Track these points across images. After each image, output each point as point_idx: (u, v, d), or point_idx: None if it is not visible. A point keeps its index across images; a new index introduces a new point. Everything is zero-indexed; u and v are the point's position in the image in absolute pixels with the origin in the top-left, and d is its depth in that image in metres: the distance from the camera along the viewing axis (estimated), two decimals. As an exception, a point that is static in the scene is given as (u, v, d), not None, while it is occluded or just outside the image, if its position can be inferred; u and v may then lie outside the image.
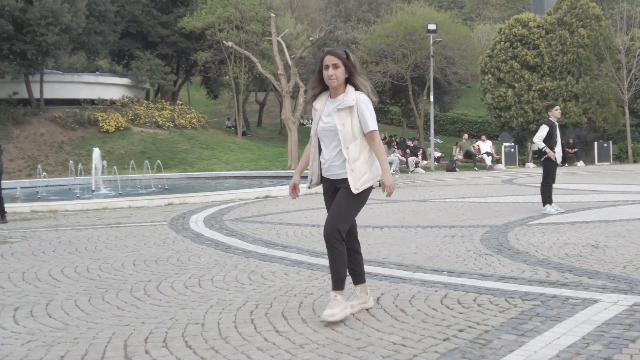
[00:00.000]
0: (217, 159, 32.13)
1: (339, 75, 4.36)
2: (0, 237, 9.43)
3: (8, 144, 29.41)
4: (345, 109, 4.35)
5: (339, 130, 4.34)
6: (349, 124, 4.34)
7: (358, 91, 4.40)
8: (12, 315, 4.77)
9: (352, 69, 4.40)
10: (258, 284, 5.63)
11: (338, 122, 4.35)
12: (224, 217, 11.06)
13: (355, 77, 4.41)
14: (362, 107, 4.35)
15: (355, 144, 4.35)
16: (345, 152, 4.34)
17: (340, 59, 4.36)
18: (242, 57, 36.25)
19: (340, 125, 4.34)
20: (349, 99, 4.35)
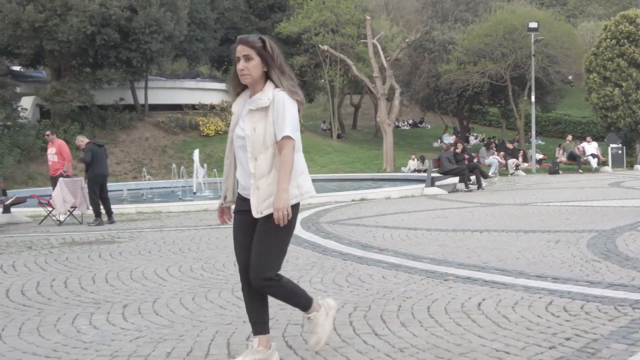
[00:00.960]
0: (312, 162, 32.43)
1: (252, 69, 3.50)
2: (108, 237, 9.89)
3: (115, 147, 30.83)
4: (258, 110, 3.50)
5: (248, 136, 3.49)
6: (261, 129, 3.48)
7: (279, 89, 3.53)
8: (121, 312, 4.98)
9: (270, 61, 3.52)
10: (356, 286, 5.62)
11: (249, 126, 3.50)
12: (320, 219, 11.13)
13: (273, 71, 3.54)
14: (278, 107, 3.48)
15: (265, 155, 3.47)
16: (252, 165, 3.48)
17: (253, 49, 3.49)
18: (338, 60, 36.46)
19: (250, 131, 3.49)
20: (264, 98, 3.50)
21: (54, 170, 13.72)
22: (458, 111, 42.06)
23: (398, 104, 30.05)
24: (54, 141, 13.91)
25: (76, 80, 30.75)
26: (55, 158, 13.70)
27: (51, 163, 13.84)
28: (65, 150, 13.85)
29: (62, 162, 13.70)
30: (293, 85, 3.59)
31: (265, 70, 3.54)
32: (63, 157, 13.74)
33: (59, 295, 5.65)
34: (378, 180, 22.57)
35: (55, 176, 13.54)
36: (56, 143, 13.88)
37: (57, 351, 4.02)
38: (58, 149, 13.74)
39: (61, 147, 13.80)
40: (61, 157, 13.71)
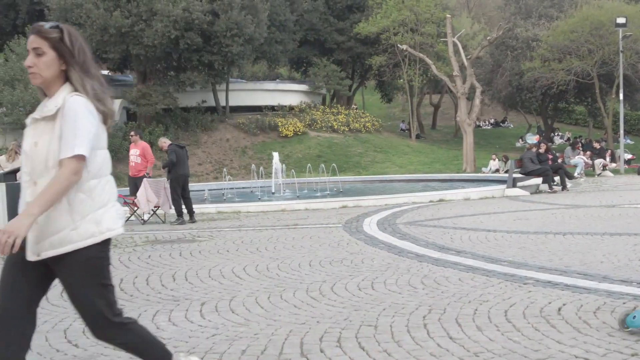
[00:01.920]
0: (390, 162, 32.26)
1: (43, 66, 2.73)
2: (189, 236, 10.15)
3: (197, 149, 31.62)
4: (44, 120, 2.74)
5: (26, 152, 2.75)
6: (44, 144, 2.70)
7: (76, 93, 2.74)
8: (199, 310, 5.09)
9: (69, 57, 2.75)
10: (431, 288, 5.54)
11: (29, 140, 2.76)
12: (397, 220, 11.06)
13: (73, 70, 2.77)
14: (68, 117, 2.67)
15: (48, 180, 2.67)
16: (30, 192, 2.72)
17: (47, 40, 2.72)
18: (417, 60, 36.12)
19: (29, 146, 2.74)
20: (51, 105, 2.73)
21: (137, 171, 13.79)
22: (542, 110, 40.87)
23: (479, 103, 29.49)
24: (138, 142, 13.98)
25: (161, 84, 31.73)
26: (139, 160, 13.79)
27: (134, 164, 13.90)
28: (149, 153, 13.99)
29: (145, 164, 13.77)
30: (101, 90, 2.83)
31: (64, 69, 2.77)
32: (147, 160, 13.83)
33: (141, 292, 5.84)
34: (457, 181, 22.22)
35: (137, 177, 13.71)
36: (140, 145, 13.97)
37: (136, 346, 4.14)
38: (142, 151, 13.85)
39: (145, 150, 13.92)
40: (144, 159, 13.80)
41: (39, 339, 4.39)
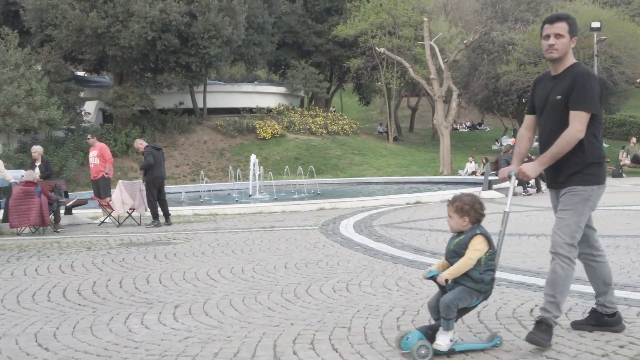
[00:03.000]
0: (368, 165, 32.35)
1: None
2: (165, 238, 10.08)
3: (174, 151, 31.46)
4: None
5: None
6: None
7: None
8: (172, 313, 5.05)
9: None
10: (405, 290, 5.56)
11: None
12: (373, 222, 11.08)
13: None
14: None
15: None
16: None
17: None
18: (395, 63, 36.28)
19: None
20: None
21: (96, 172, 13.66)
22: (518, 113, 41.26)
23: (456, 106, 29.69)
24: (96, 144, 13.80)
25: (137, 85, 31.52)
26: (97, 161, 13.63)
27: (93, 166, 13.76)
28: (107, 153, 13.79)
29: (104, 165, 13.60)
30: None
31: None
32: (105, 160, 13.65)
33: (114, 295, 5.78)
34: (434, 183, 22.34)
35: (97, 179, 13.63)
36: (98, 146, 13.75)
37: (108, 350, 4.10)
38: (100, 152, 13.65)
39: (103, 150, 13.71)
40: (103, 159, 13.62)
41: (9, 342, 4.34)
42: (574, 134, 3.84)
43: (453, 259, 3.83)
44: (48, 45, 30.03)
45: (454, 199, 3.93)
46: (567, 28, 3.98)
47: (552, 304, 3.89)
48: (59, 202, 12.51)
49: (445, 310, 3.68)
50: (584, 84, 3.87)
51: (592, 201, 3.96)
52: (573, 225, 3.89)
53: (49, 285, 6.30)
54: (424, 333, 3.75)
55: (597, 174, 3.97)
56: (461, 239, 3.85)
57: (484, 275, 3.78)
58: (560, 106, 3.94)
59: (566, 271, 3.87)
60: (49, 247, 9.34)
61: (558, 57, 4.01)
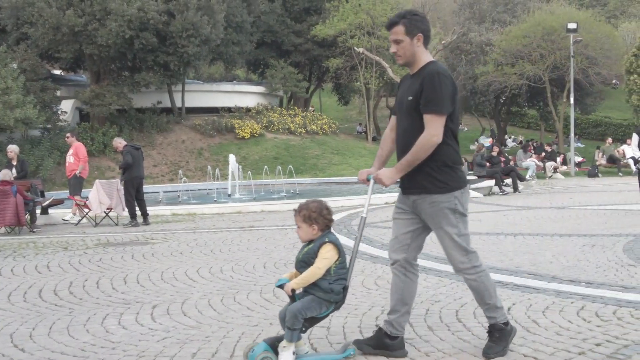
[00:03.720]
0: (347, 165, 32.39)
1: None
2: (142, 238, 10.01)
3: (152, 150, 31.22)
4: None
5: None
6: None
7: None
8: (150, 313, 5.02)
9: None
10: (384, 289, 5.57)
11: None
12: (352, 222, 11.10)
13: None
14: None
15: None
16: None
17: None
18: (373, 63, 36.36)
19: None
20: None
21: (70, 171, 13.60)
22: (495, 113, 41.57)
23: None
24: (73, 143, 13.76)
25: (115, 84, 31.23)
26: (72, 159, 13.56)
27: (67, 164, 13.73)
28: (82, 151, 13.68)
29: (78, 164, 13.49)
30: None
31: None
32: (79, 158, 13.55)
33: (90, 296, 5.73)
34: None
35: (70, 177, 13.55)
36: (74, 145, 13.70)
37: (85, 351, 4.07)
38: (75, 150, 13.59)
39: (77, 148, 13.62)
40: (77, 157, 13.53)
41: (-17, 344, 4.28)
42: (429, 139, 3.59)
43: (302, 269, 3.66)
44: (24, 44, 29.64)
45: (300, 208, 3.71)
46: (403, 30, 3.70)
47: (489, 309, 3.81)
48: (35, 202, 12.37)
49: (292, 319, 3.54)
50: (432, 85, 3.61)
51: (460, 207, 3.73)
52: (458, 238, 3.72)
53: (24, 286, 6.23)
54: (270, 345, 3.61)
55: (454, 179, 3.72)
56: (310, 248, 3.68)
57: (334, 285, 3.63)
58: (411, 107, 3.70)
59: (479, 279, 3.77)
60: (24, 247, 9.23)
61: (404, 62, 3.80)
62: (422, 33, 3.75)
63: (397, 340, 3.81)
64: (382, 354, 3.78)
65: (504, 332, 3.77)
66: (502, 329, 3.78)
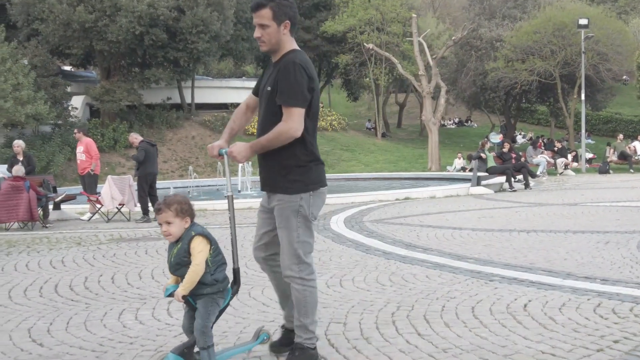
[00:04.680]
0: (357, 161, 32.37)
1: None
2: (155, 234, 10.04)
3: (162, 146, 31.30)
4: None
5: None
6: None
7: None
8: (166, 308, 5.04)
9: None
10: (399, 285, 5.57)
11: None
12: (363, 218, 11.10)
13: None
14: None
15: None
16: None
17: None
18: (383, 59, 36.30)
19: None
20: None
21: (82, 169, 13.53)
22: (505, 109, 41.43)
23: (444, 102, 29.77)
24: (82, 139, 13.63)
25: (125, 80, 31.34)
26: (84, 157, 13.48)
27: (79, 162, 13.64)
28: (93, 149, 13.60)
29: (90, 161, 13.44)
30: None
31: None
32: (91, 156, 13.47)
33: (106, 291, 5.75)
34: (423, 179, 22.39)
35: (84, 175, 13.49)
36: (84, 141, 13.59)
37: (103, 345, 4.09)
38: (86, 147, 13.50)
39: (89, 146, 13.53)
40: (89, 155, 13.46)
41: (3, 337, 4.31)
42: (287, 131, 3.40)
43: (178, 272, 3.47)
44: (35, 40, 29.80)
45: (169, 203, 3.45)
46: (271, 15, 3.43)
47: (299, 328, 3.61)
48: (48, 198, 12.43)
49: (202, 338, 3.36)
50: (287, 75, 3.40)
51: (304, 211, 3.53)
52: (294, 244, 3.52)
53: (40, 281, 6.27)
54: (179, 354, 3.40)
55: (303, 180, 3.54)
56: (179, 247, 3.45)
57: (216, 275, 3.47)
58: (269, 98, 3.52)
59: (302, 292, 3.57)
60: (38, 243, 9.28)
61: (268, 49, 3.55)
62: (290, 20, 3.50)
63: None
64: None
65: (306, 353, 3.57)
66: (304, 349, 3.58)
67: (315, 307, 3.65)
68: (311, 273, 3.61)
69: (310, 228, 3.60)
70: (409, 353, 3.75)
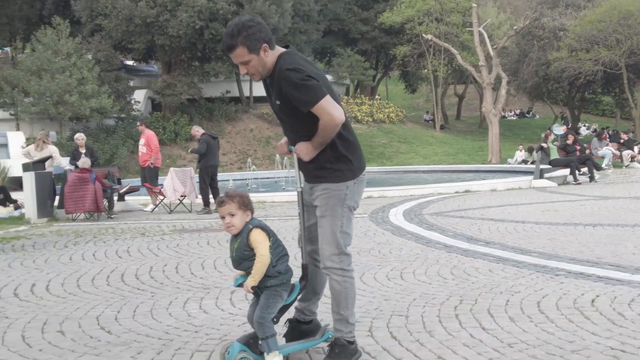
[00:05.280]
0: (414, 153, 32.12)
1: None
2: (216, 225, 10.19)
3: (221, 139, 31.70)
4: None
5: None
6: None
7: None
8: (229, 298, 5.11)
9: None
10: (461, 279, 5.50)
11: None
12: (423, 210, 11.00)
13: None
14: None
15: None
16: None
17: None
18: (442, 50, 35.88)
19: None
20: None
21: (143, 161, 13.74)
22: (569, 100, 40.40)
23: (505, 93, 29.22)
24: (144, 132, 13.81)
25: (185, 74, 31.86)
26: (144, 149, 13.67)
27: (140, 154, 13.87)
28: (153, 142, 13.74)
29: (150, 154, 13.58)
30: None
31: None
32: (151, 149, 13.62)
33: (171, 280, 5.87)
34: (483, 172, 22.06)
35: (144, 167, 13.68)
36: (146, 134, 13.76)
37: (169, 334, 4.17)
38: (147, 140, 13.67)
39: (149, 139, 13.68)
40: (149, 148, 13.61)
41: (73, 325, 4.45)
42: (331, 123, 3.35)
43: (242, 265, 3.51)
44: (98, 35, 30.56)
45: (232, 195, 3.49)
46: (245, 51, 3.34)
47: (339, 322, 3.55)
48: (113, 189, 12.76)
49: (260, 328, 3.38)
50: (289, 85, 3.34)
51: (349, 199, 3.51)
52: (337, 233, 3.48)
53: (107, 270, 6.44)
54: (244, 343, 3.46)
55: (348, 167, 3.51)
56: (240, 242, 3.48)
57: (278, 267, 3.49)
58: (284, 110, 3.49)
59: (343, 284, 3.51)
60: (104, 233, 9.54)
61: (261, 77, 3.50)
62: (265, 42, 3.39)
63: (311, 324, 3.79)
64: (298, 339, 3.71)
65: (346, 350, 3.51)
66: (345, 345, 3.51)
67: (354, 299, 3.60)
68: (350, 264, 3.57)
69: (352, 220, 3.58)
70: (474, 347, 3.70)
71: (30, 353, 3.86)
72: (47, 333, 4.27)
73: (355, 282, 3.61)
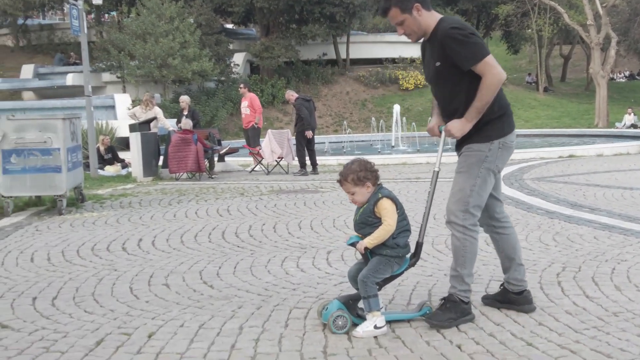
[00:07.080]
0: (516, 117, 30.99)
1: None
2: (312, 186, 10.31)
3: (317, 101, 31.88)
4: None
5: None
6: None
7: None
8: (326, 258, 5.17)
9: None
10: (564, 246, 5.32)
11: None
12: (524, 175, 10.69)
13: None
14: None
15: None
16: None
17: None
18: (547, 8, 34.32)
19: None
20: None
21: (247, 122, 14.03)
22: (685, 61, 37.86)
23: (614, 54, 27.74)
24: (247, 94, 14.12)
25: (283, 37, 32.08)
26: (248, 111, 13.95)
27: (244, 116, 14.15)
28: (257, 103, 14.05)
29: (254, 115, 13.89)
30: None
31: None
32: (255, 110, 13.93)
33: (269, 239, 6.00)
34: (589, 136, 21.13)
35: (247, 129, 14.01)
36: (248, 96, 14.06)
37: (268, 290, 4.28)
38: (250, 102, 13.94)
39: (252, 100, 13.98)
40: (253, 109, 13.91)
41: (177, 278, 4.63)
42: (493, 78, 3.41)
43: (362, 230, 3.50)
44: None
45: (345, 175, 3.51)
46: (399, 11, 3.46)
47: (455, 278, 3.55)
48: (213, 150, 13.11)
49: (363, 287, 3.38)
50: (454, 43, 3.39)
51: (489, 161, 3.51)
52: (467, 190, 3.48)
53: (209, 227, 6.65)
54: (343, 303, 3.46)
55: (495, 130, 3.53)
56: (365, 207, 3.49)
57: (398, 239, 3.45)
58: (442, 73, 3.52)
59: (463, 241, 3.50)
60: (205, 192, 9.85)
61: (417, 38, 3.58)
62: (418, 1, 3.46)
63: (521, 295, 3.70)
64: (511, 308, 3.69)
65: (457, 307, 3.49)
66: (457, 302, 3.50)
67: (474, 260, 3.61)
68: (475, 225, 3.56)
69: (487, 183, 3.56)
70: (577, 315, 3.58)
71: (138, 304, 4.05)
72: (153, 286, 4.47)
73: (477, 244, 3.61)
